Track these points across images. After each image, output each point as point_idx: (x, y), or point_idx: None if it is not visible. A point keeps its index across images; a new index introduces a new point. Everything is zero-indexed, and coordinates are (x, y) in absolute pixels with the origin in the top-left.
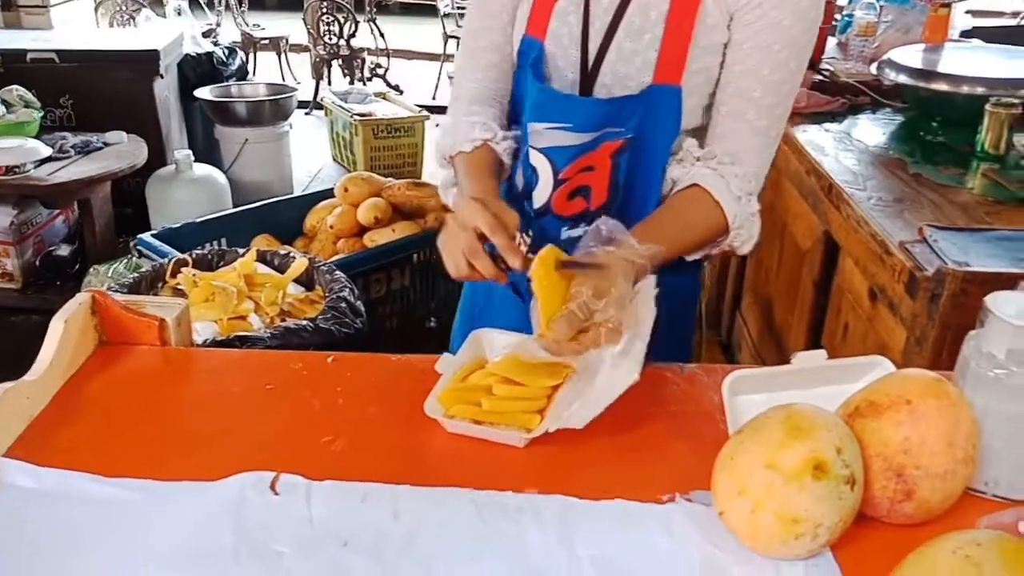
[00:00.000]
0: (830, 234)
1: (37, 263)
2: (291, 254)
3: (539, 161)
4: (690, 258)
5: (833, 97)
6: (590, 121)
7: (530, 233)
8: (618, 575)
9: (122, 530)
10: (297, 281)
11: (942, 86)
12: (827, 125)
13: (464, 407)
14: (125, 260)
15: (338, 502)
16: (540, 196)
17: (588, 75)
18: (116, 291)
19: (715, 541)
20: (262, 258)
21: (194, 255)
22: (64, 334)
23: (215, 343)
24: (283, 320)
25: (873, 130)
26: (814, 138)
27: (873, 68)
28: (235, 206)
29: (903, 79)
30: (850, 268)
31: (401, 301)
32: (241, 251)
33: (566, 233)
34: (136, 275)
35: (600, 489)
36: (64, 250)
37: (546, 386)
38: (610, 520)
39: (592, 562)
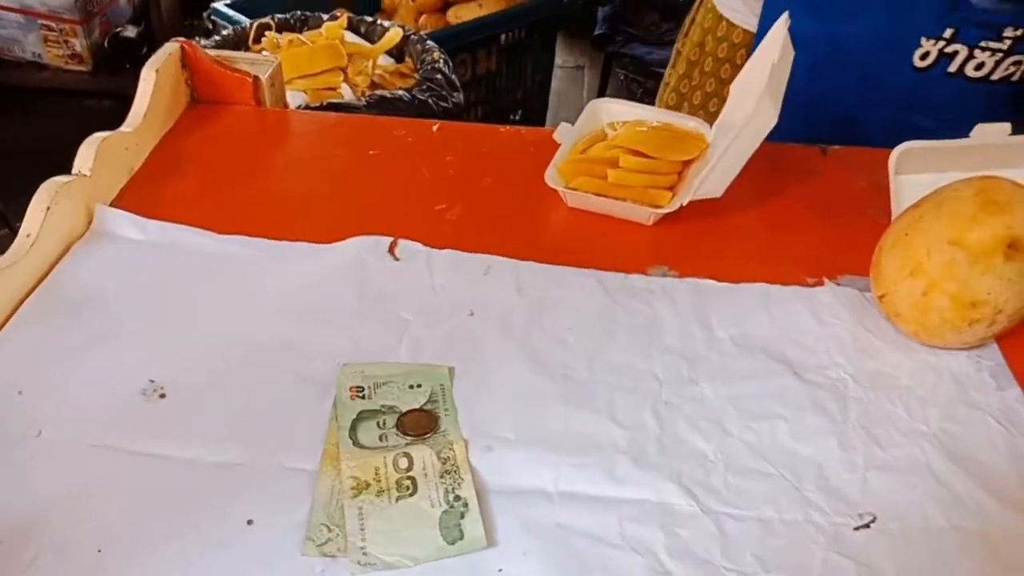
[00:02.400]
0: None
1: (105, 44)
2: (380, 22)
3: None
4: None
5: None
6: None
7: None
8: (762, 355)
9: (235, 284)
10: (387, 52)
11: None
12: None
13: (587, 180)
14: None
15: (461, 272)
16: None
17: None
18: None
19: (868, 326)
20: (350, 26)
21: (277, 19)
22: (156, 86)
23: (307, 109)
24: (373, 91)
25: None
26: None
27: None
28: None
29: None
30: None
31: (487, 88)
32: (325, 16)
33: None
34: (217, 38)
35: (736, 271)
36: (131, 31)
37: (677, 160)
38: (750, 302)
39: (733, 342)
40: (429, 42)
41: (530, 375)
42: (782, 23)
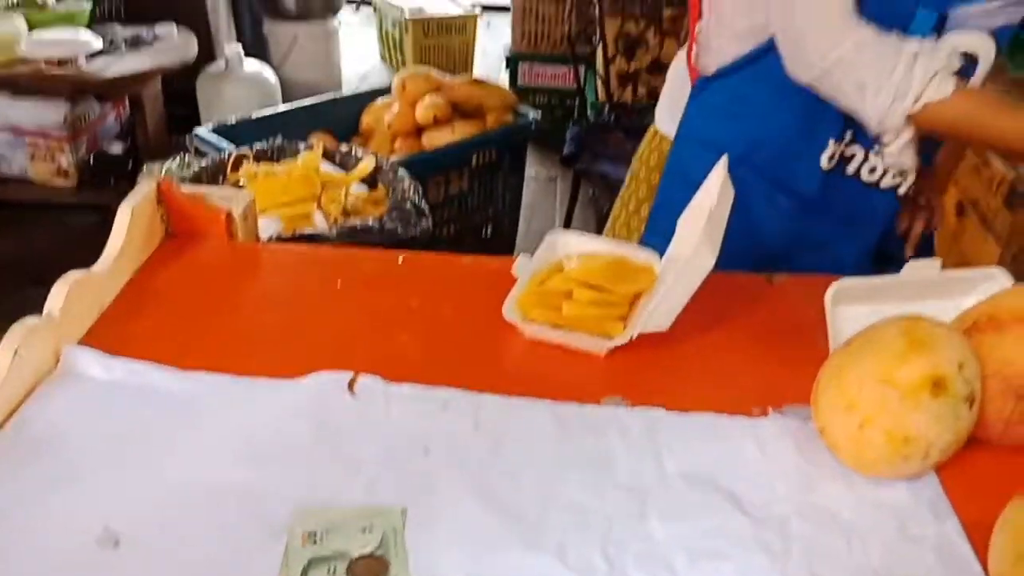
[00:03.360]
0: None
1: (91, 160)
2: (354, 151)
3: (983, 45)
4: None
5: None
6: None
7: None
8: (710, 490)
9: (196, 424)
10: (360, 179)
11: None
12: None
13: (543, 312)
14: (178, 159)
15: (418, 408)
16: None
17: None
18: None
19: (811, 458)
20: (325, 155)
21: (254, 149)
22: (131, 223)
23: (279, 240)
24: (346, 218)
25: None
26: None
27: None
28: None
29: None
30: None
31: (459, 207)
32: (302, 145)
33: None
34: (196, 168)
35: (686, 401)
36: (117, 148)
37: (629, 293)
38: (698, 434)
39: (681, 476)
40: (401, 170)
41: (483, 515)
42: (721, 166)
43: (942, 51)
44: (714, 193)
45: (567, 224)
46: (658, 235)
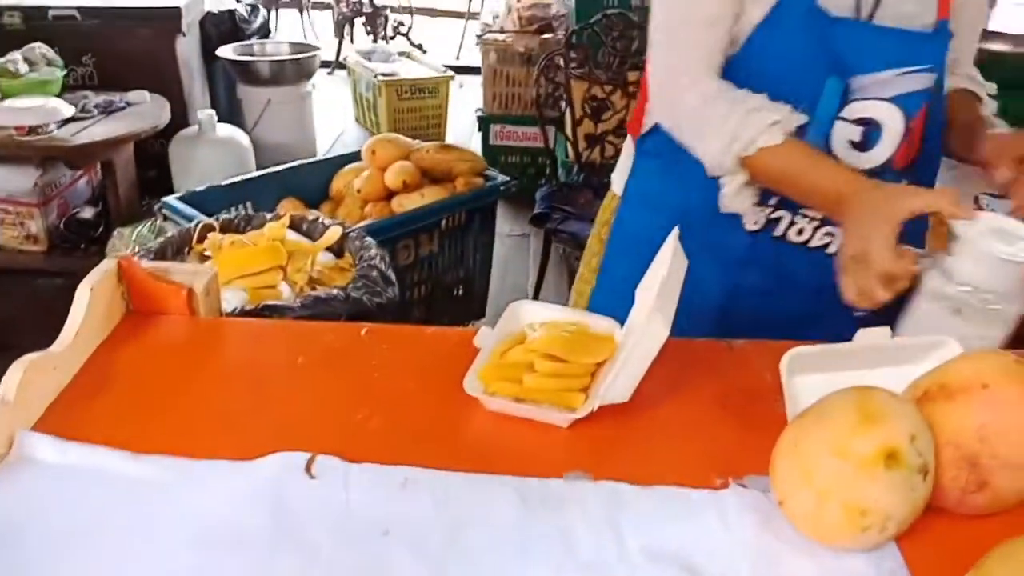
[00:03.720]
0: None
1: (61, 225)
2: (321, 220)
3: (885, 112)
4: None
5: None
6: (938, 58)
7: None
8: (671, 566)
9: (151, 510)
10: (327, 248)
11: (999, 46)
12: None
13: (505, 384)
14: (149, 223)
15: (377, 488)
16: (880, 154)
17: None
18: (143, 256)
19: (773, 530)
20: (292, 224)
21: (220, 219)
22: (91, 302)
23: (243, 312)
24: (312, 288)
25: None
26: None
27: None
28: (258, 168)
29: None
30: None
31: (429, 268)
32: (268, 215)
33: None
34: (162, 240)
35: (648, 472)
36: (88, 212)
37: (590, 363)
38: (660, 508)
39: (643, 552)
40: (367, 238)
41: None
42: (673, 237)
43: (784, 108)
44: (666, 263)
45: (539, 282)
46: (605, 292)
